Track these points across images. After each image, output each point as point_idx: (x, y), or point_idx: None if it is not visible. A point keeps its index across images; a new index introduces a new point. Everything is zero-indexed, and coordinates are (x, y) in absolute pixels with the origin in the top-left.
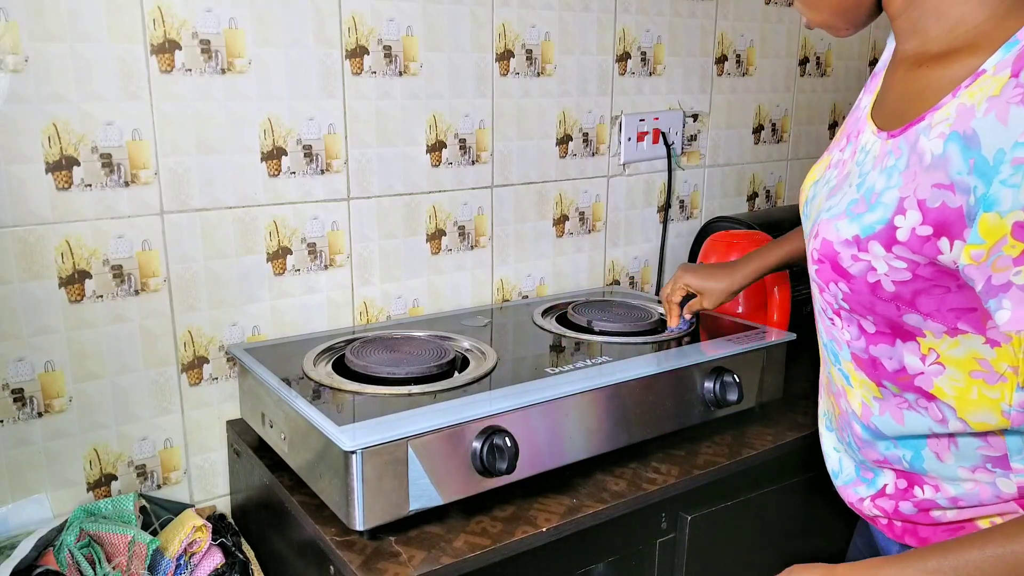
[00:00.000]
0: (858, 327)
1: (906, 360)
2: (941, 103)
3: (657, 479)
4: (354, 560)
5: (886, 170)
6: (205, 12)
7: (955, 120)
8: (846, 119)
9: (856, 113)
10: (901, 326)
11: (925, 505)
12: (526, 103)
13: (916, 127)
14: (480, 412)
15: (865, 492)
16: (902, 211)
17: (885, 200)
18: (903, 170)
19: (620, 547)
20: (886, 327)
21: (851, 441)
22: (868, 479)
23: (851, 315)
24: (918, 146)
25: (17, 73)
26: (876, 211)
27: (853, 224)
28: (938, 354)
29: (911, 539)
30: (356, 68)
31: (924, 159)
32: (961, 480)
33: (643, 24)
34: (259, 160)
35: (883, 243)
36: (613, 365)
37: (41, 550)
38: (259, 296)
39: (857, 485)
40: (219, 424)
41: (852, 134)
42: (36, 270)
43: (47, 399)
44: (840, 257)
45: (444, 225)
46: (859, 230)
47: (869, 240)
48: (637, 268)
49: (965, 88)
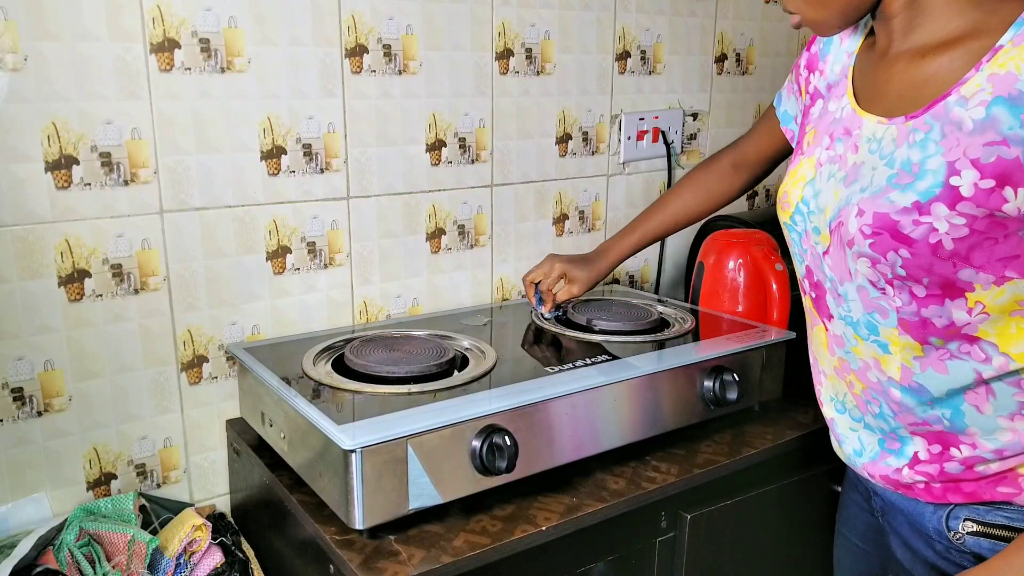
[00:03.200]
0: (909, 293)
1: (954, 316)
2: (965, 78)
3: (657, 478)
4: (354, 559)
5: (917, 144)
6: (204, 11)
7: (994, 88)
8: (810, 125)
9: (826, 117)
10: (953, 283)
11: (970, 461)
12: (526, 102)
13: (944, 103)
14: (480, 411)
15: (897, 463)
16: (955, 172)
17: (930, 167)
18: (939, 139)
19: (620, 546)
20: (937, 288)
21: (882, 412)
22: (895, 450)
23: (904, 282)
24: (952, 117)
25: (16, 72)
26: (925, 178)
27: (907, 193)
28: (984, 305)
29: (955, 495)
30: (355, 67)
31: (964, 125)
32: (1001, 430)
33: (643, 23)
34: (259, 159)
35: (947, 203)
36: (612, 364)
37: (41, 549)
38: (259, 295)
39: (885, 458)
40: (219, 423)
41: (836, 134)
42: (36, 269)
43: (47, 398)
44: (900, 224)
45: (444, 224)
46: (917, 196)
47: (931, 203)
48: (637, 267)
49: (987, 62)
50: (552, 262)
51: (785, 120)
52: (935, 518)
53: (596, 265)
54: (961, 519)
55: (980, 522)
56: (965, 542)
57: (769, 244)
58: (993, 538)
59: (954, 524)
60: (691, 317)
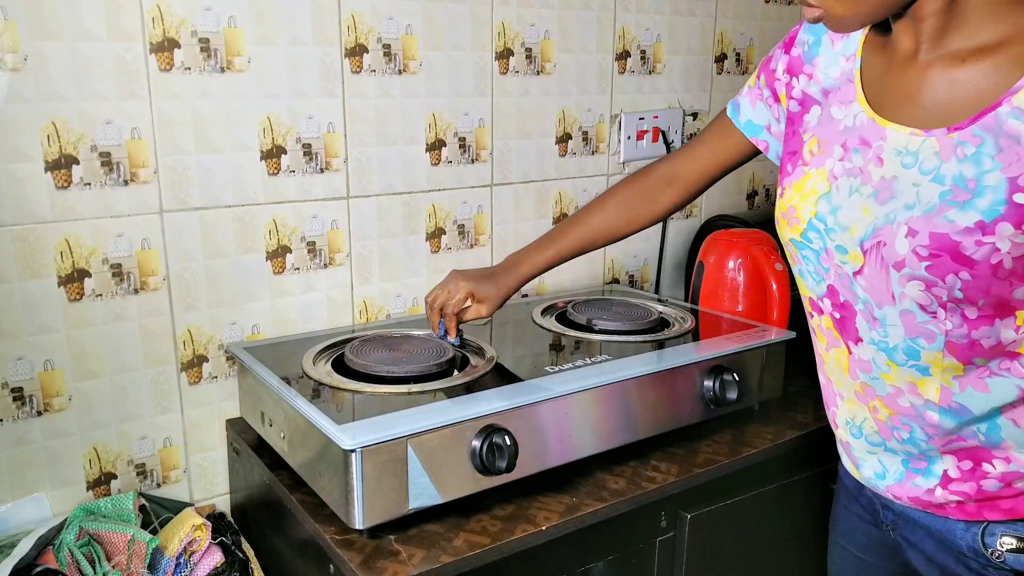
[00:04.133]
0: (961, 316)
1: (1002, 335)
2: (1017, 87)
3: (657, 477)
4: (354, 559)
5: (969, 158)
6: (204, 10)
7: None
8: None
9: (832, 125)
10: (1007, 303)
11: (1008, 477)
12: (526, 102)
13: (994, 113)
14: (479, 411)
15: (926, 483)
16: (1019, 189)
17: (988, 183)
18: (996, 154)
19: (620, 545)
20: (990, 309)
21: (912, 437)
22: (922, 469)
23: (959, 305)
24: (1007, 129)
25: (16, 72)
26: (984, 195)
27: (969, 212)
28: None
29: (992, 512)
30: (355, 67)
31: (1022, 139)
32: None
33: (643, 22)
34: (258, 159)
35: (1013, 222)
36: (612, 364)
37: (41, 549)
38: (258, 295)
39: (913, 479)
40: (219, 423)
41: (850, 143)
42: (35, 269)
43: (46, 398)
44: (962, 246)
45: (444, 224)
46: (981, 215)
47: (996, 223)
48: (637, 267)
49: None
50: (456, 281)
51: (752, 131)
52: (968, 535)
53: (505, 281)
54: (998, 536)
55: (1020, 538)
56: (1005, 559)
57: (769, 244)
58: None
59: (991, 541)
60: (691, 317)
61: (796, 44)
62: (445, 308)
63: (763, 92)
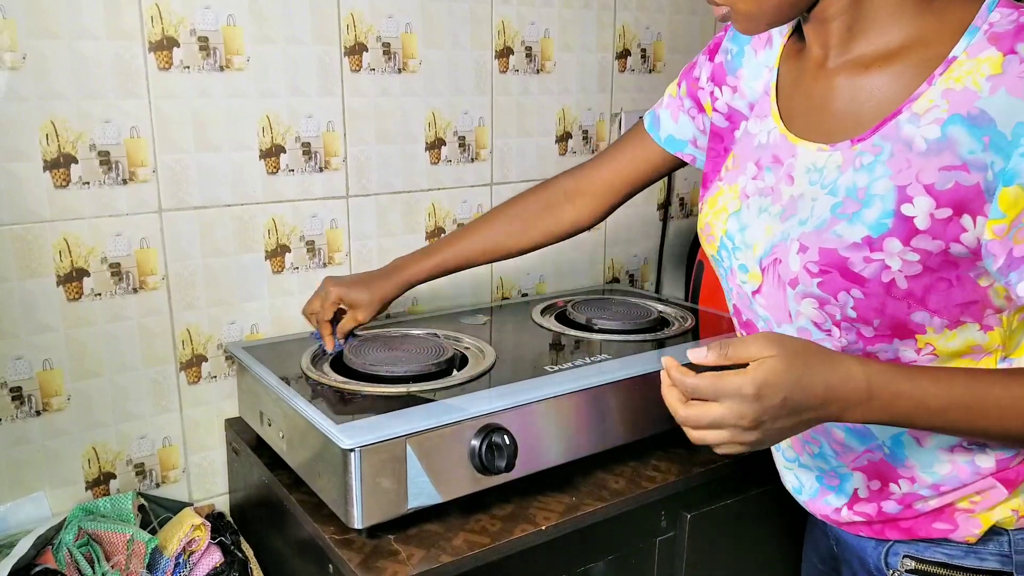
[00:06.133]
0: (856, 334)
1: (901, 353)
2: (916, 94)
3: (657, 477)
4: (353, 558)
5: (864, 168)
6: (203, 9)
7: (950, 105)
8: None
9: (747, 140)
10: (905, 325)
11: (908, 500)
12: (525, 100)
13: (895, 121)
14: (479, 410)
15: (837, 501)
16: (907, 199)
17: (877, 191)
18: (888, 159)
19: (620, 545)
20: (887, 329)
21: (822, 452)
22: (834, 486)
23: (853, 324)
24: (902, 135)
25: (15, 71)
26: (872, 205)
27: (856, 226)
28: (934, 347)
29: (893, 532)
30: (355, 65)
31: (915, 145)
32: (939, 463)
33: (643, 21)
34: (257, 158)
35: (900, 237)
36: (612, 363)
37: (40, 549)
38: (258, 294)
39: (825, 495)
40: (218, 422)
41: (763, 162)
42: (34, 268)
43: (45, 397)
44: (850, 262)
45: (444, 223)
46: (868, 230)
47: (884, 238)
48: (636, 266)
49: (940, 75)
50: (327, 287)
51: (674, 146)
52: (875, 554)
53: (381, 286)
54: (900, 556)
55: (919, 559)
56: None
57: None
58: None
59: (893, 561)
60: (691, 316)
61: (720, 52)
62: (318, 316)
63: (684, 102)
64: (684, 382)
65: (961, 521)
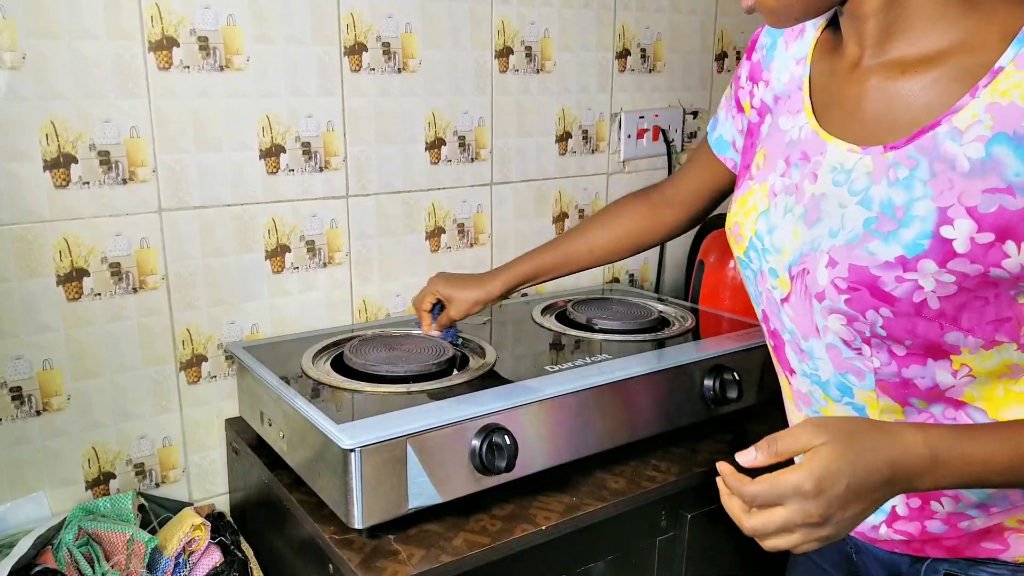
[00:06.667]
0: (888, 352)
1: (938, 378)
2: (958, 106)
3: (657, 477)
4: (353, 558)
5: (900, 182)
6: (203, 9)
7: (995, 122)
8: (760, 144)
9: (778, 136)
10: (939, 346)
11: (954, 519)
12: (525, 100)
13: (932, 133)
14: (479, 410)
15: (874, 519)
16: (947, 221)
17: (917, 212)
18: (928, 179)
19: (620, 545)
20: (920, 349)
21: None
22: None
23: (884, 341)
24: (943, 152)
25: (15, 70)
26: (911, 226)
27: (891, 244)
28: (970, 368)
29: (935, 550)
30: (355, 65)
31: (959, 165)
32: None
33: (643, 21)
34: (257, 157)
35: (937, 260)
36: (613, 363)
37: (40, 548)
38: (258, 294)
39: None
40: (218, 422)
41: (792, 158)
42: (34, 268)
43: (45, 397)
44: (881, 281)
45: (443, 223)
46: (903, 250)
47: (919, 259)
48: (637, 266)
49: (985, 87)
50: (432, 281)
51: (720, 147)
52: (912, 571)
53: (478, 286)
54: (941, 573)
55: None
56: None
57: None
58: None
59: None
60: (691, 316)
61: (756, 49)
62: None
63: (732, 103)
64: (742, 491)
65: (1012, 541)
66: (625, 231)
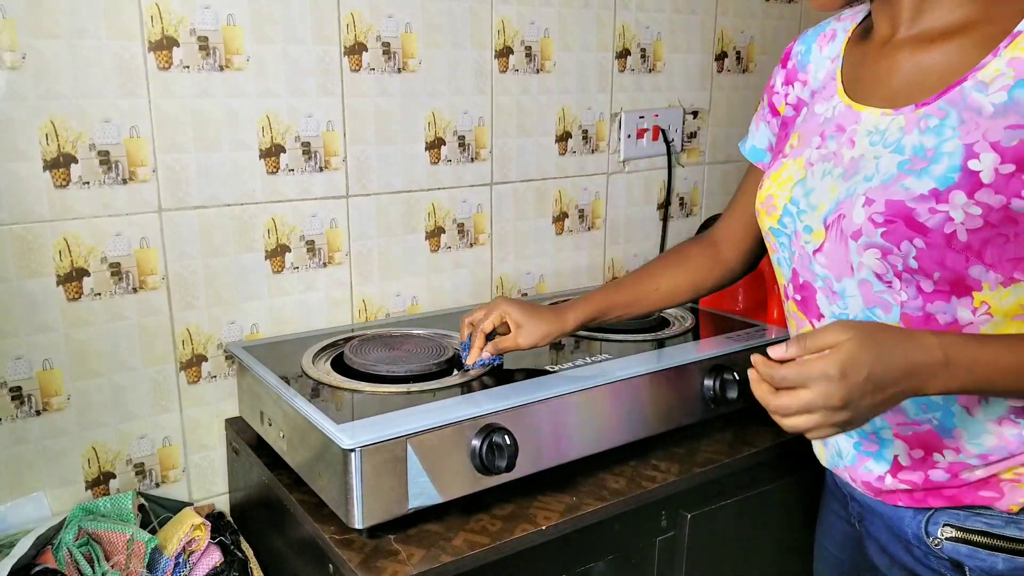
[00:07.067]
0: (916, 288)
1: (959, 313)
2: (983, 63)
3: (657, 477)
4: (353, 558)
5: (931, 129)
6: (203, 9)
7: (1016, 72)
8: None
9: (813, 120)
10: (963, 280)
11: (955, 468)
12: (525, 100)
13: (960, 88)
14: (479, 410)
15: (878, 468)
16: (974, 155)
17: (946, 150)
18: (957, 125)
19: (620, 545)
20: (946, 284)
21: None
22: (872, 452)
23: (913, 276)
24: (970, 102)
25: (14, 70)
26: (940, 162)
27: (924, 179)
28: (989, 305)
29: (936, 500)
30: (355, 65)
31: (984, 110)
32: (987, 434)
33: (643, 20)
34: (257, 157)
35: (966, 190)
36: (613, 363)
37: (39, 548)
38: (257, 294)
39: (864, 462)
40: (218, 422)
41: (827, 132)
42: (34, 268)
43: (45, 397)
44: (916, 212)
45: (443, 222)
46: (935, 183)
47: (950, 191)
48: (637, 266)
49: (1006, 47)
50: (499, 303)
51: (757, 156)
52: (914, 523)
53: (556, 320)
54: (940, 524)
55: (959, 527)
56: (943, 548)
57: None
58: (971, 544)
59: (933, 529)
60: (691, 316)
61: (791, 57)
62: (476, 323)
63: (764, 112)
64: (772, 373)
65: (1007, 490)
66: (687, 273)
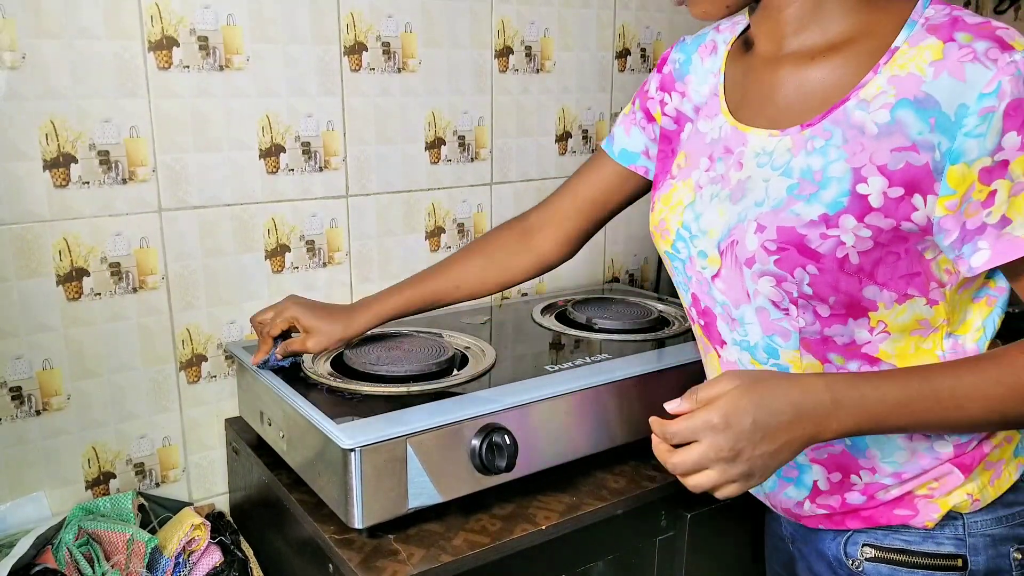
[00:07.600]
0: (813, 312)
1: (856, 334)
2: (863, 81)
3: (657, 477)
4: (353, 558)
5: (817, 151)
6: (203, 8)
7: (897, 91)
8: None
9: (698, 139)
10: (859, 302)
11: (871, 490)
12: (525, 100)
13: (843, 107)
14: (479, 410)
15: (797, 494)
16: (862, 179)
17: (834, 173)
18: (842, 145)
19: (620, 545)
20: (842, 307)
21: None
22: (792, 478)
23: (809, 301)
24: (853, 121)
25: (14, 70)
26: (829, 187)
27: (814, 205)
28: (886, 324)
29: (853, 521)
30: (355, 65)
31: (867, 130)
32: (899, 451)
33: (643, 20)
34: (257, 157)
35: (855, 214)
36: (613, 362)
37: (40, 548)
38: (257, 294)
39: (784, 488)
40: (217, 422)
41: (715, 154)
42: (34, 268)
43: (45, 397)
44: (807, 239)
45: (443, 222)
46: (825, 208)
47: (840, 215)
48: (636, 265)
49: (885, 64)
50: (287, 305)
51: (628, 159)
52: (834, 545)
53: (341, 320)
54: (860, 545)
55: (878, 547)
56: (864, 569)
57: None
58: (891, 563)
59: (852, 551)
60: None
61: (668, 63)
62: (266, 328)
63: (636, 116)
64: (664, 430)
65: (921, 507)
66: (492, 263)
